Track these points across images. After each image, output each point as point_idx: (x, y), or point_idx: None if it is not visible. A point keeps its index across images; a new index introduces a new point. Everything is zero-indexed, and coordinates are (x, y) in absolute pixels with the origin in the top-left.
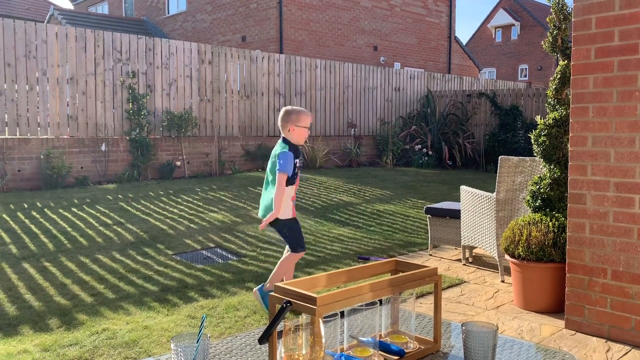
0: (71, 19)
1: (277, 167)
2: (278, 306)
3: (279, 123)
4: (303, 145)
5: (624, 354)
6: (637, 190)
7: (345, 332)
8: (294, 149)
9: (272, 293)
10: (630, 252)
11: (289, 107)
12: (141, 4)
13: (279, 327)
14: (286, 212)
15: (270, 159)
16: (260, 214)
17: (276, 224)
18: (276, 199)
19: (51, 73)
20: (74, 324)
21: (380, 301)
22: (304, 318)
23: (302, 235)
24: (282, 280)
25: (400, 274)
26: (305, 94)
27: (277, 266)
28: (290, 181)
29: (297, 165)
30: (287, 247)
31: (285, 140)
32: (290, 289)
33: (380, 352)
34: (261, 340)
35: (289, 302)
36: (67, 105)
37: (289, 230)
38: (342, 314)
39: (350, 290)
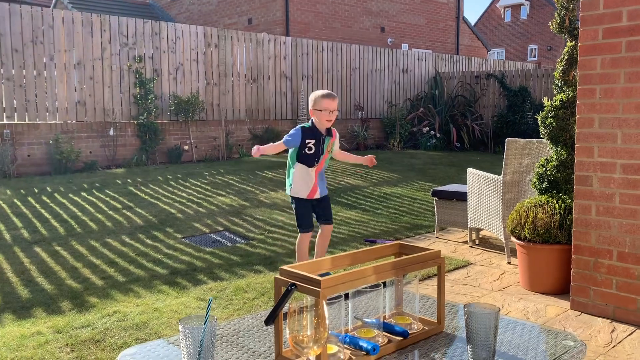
0: (77, 3)
1: (285, 138)
2: (283, 288)
3: None
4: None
5: (629, 334)
6: None
7: (350, 313)
8: (310, 129)
9: (278, 276)
10: (636, 233)
11: (316, 91)
12: None
13: (285, 309)
14: (302, 191)
15: None
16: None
17: (290, 199)
18: (266, 146)
19: (58, 58)
20: (85, 307)
21: (384, 283)
22: (308, 300)
23: (309, 216)
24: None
25: (404, 257)
26: (312, 77)
27: None
28: (306, 162)
29: (309, 145)
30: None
31: (312, 121)
32: (295, 272)
33: (384, 333)
34: (267, 322)
35: (293, 284)
36: (75, 90)
37: (295, 209)
38: (346, 296)
39: (353, 273)
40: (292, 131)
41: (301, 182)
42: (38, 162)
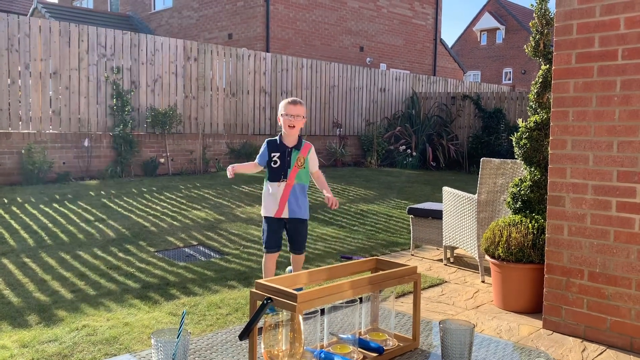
0: (55, 12)
1: None
2: (259, 302)
3: None
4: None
5: (599, 354)
6: (614, 193)
7: (326, 329)
8: (274, 142)
9: (253, 289)
10: (606, 253)
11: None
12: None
13: (260, 324)
14: (269, 208)
15: None
16: None
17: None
18: (241, 165)
19: (34, 67)
20: (53, 320)
21: (361, 299)
22: (284, 314)
23: (273, 236)
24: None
25: (380, 272)
26: (291, 93)
27: None
28: (273, 176)
29: (274, 159)
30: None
31: (280, 133)
32: (271, 286)
33: (359, 349)
34: (241, 337)
35: (269, 298)
36: (50, 100)
37: (263, 227)
38: (322, 311)
39: (330, 288)
40: (261, 147)
41: (269, 198)
42: (9, 172)
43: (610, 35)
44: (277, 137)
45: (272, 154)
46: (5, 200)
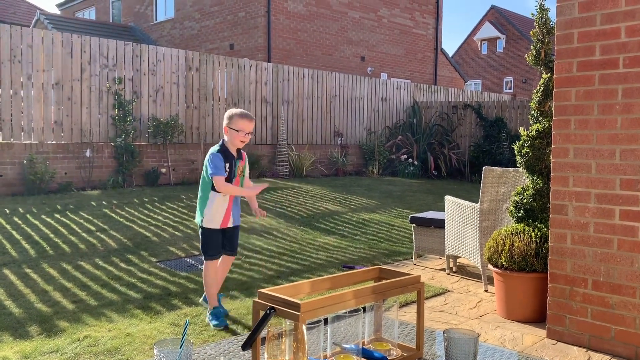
0: (57, 24)
1: (210, 171)
2: (262, 312)
3: None
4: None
5: None
6: (617, 201)
7: (329, 339)
8: (224, 153)
9: (256, 299)
10: (610, 262)
11: (233, 109)
12: (128, 10)
13: (263, 334)
14: (215, 220)
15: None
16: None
17: (200, 229)
18: (230, 190)
19: (36, 78)
20: (54, 331)
21: (364, 308)
22: (287, 324)
23: (216, 244)
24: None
25: (384, 281)
26: (293, 103)
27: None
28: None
29: (225, 169)
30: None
31: (222, 142)
32: (274, 295)
33: (363, 359)
34: (244, 347)
35: (272, 308)
36: (52, 110)
37: (203, 238)
38: (325, 321)
39: (333, 297)
40: (211, 158)
41: (216, 209)
42: (11, 182)
43: (611, 44)
44: (220, 147)
45: (226, 165)
46: (7, 211)
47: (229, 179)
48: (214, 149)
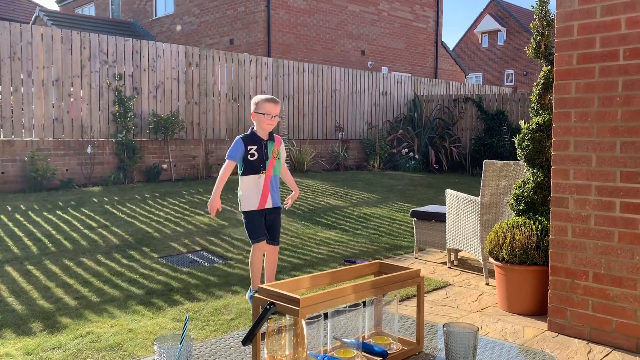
0: (57, 20)
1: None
2: (262, 307)
3: None
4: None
5: (605, 356)
6: (618, 194)
7: (329, 333)
8: (250, 136)
9: (256, 294)
10: (611, 254)
11: (259, 95)
12: (128, 6)
13: (263, 329)
14: (252, 201)
15: None
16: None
17: (242, 216)
18: (218, 181)
19: (36, 75)
20: (57, 328)
21: (364, 303)
22: (287, 319)
23: (260, 227)
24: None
25: (384, 276)
26: (293, 98)
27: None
28: (252, 169)
29: (251, 152)
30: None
31: (251, 129)
32: (273, 291)
33: (363, 353)
34: (245, 342)
35: (272, 303)
36: (53, 107)
37: (246, 224)
38: (325, 315)
39: (333, 292)
40: (233, 144)
41: (250, 191)
42: (12, 180)
43: (611, 36)
44: (247, 134)
45: (249, 147)
46: (9, 208)
47: (261, 161)
48: (242, 135)
